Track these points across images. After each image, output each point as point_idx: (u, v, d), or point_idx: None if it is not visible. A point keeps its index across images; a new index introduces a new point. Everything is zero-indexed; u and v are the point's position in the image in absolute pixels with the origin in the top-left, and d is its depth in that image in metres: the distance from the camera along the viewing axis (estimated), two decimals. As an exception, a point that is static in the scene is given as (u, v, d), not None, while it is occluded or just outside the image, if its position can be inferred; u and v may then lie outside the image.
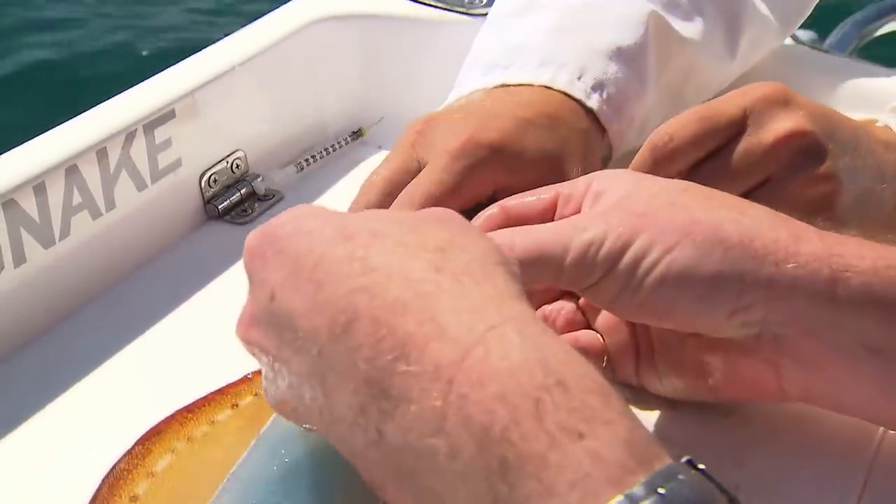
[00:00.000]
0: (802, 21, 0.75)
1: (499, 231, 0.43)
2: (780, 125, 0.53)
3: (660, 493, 0.27)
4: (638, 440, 0.29)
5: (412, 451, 0.31)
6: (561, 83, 0.58)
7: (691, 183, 0.45)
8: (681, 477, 0.28)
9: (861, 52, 1.12)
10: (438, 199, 0.51)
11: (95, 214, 0.58)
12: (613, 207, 0.43)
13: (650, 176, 0.45)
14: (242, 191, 0.67)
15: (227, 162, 0.67)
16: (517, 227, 0.43)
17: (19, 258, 0.54)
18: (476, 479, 0.29)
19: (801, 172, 0.53)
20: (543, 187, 0.47)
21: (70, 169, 0.56)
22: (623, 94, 0.60)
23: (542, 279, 0.42)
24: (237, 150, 0.67)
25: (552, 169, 0.54)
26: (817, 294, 0.40)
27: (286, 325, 0.35)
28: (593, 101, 0.58)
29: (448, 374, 0.30)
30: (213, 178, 0.66)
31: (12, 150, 0.55)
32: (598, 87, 0.59)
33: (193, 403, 0.47)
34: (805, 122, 0.53)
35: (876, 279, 0.40)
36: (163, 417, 0.47)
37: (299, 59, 0.71)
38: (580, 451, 0.28)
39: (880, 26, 1.14)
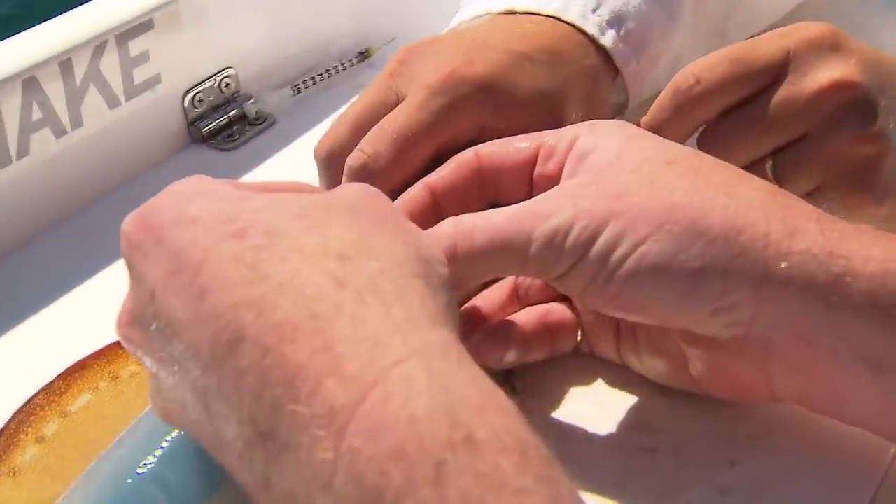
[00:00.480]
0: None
1: (458, 218, 0.38)
2: (825, 73, 0.47)
3: None
4: None
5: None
6: (572, 15, 0.52)
7: (684, 149, 0.39)
8: None
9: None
10: (412, 138, 0.46)
11: (59, 132, 0.54)
12: (587, 184, 0.38)
13: (640, 136, 0.40)
14: (231, 113, 0.62)
15: (215, 80, 0.62)
16: (478, 213, 0.38)
17: (-31, 177, 0.50)
18: None
19: (844, 129, 0.47)
20: (525, 135, 0.42)
21: (28, 81, 0.51)
22: (646, 29, 0.53)
23: (505, 270, 0.38)
24: (227, 68, 0.62)
25: (548, 111, 0.48)
26: (811, 298, 0.35)
27: (169, 332, 0.31)
28: (607, 38, 0.52)
29: (341, 420, 0.26)
30: (198, 97, 0.61)
31: (-44, 60, 0.50)
32: (615, 21, 0.52)
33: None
34: (855, 72, 0.47)
35: (881, 287, 0.35)
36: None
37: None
38: None
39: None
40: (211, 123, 0.61)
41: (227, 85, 0.62)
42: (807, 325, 0.36)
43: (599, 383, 0.43)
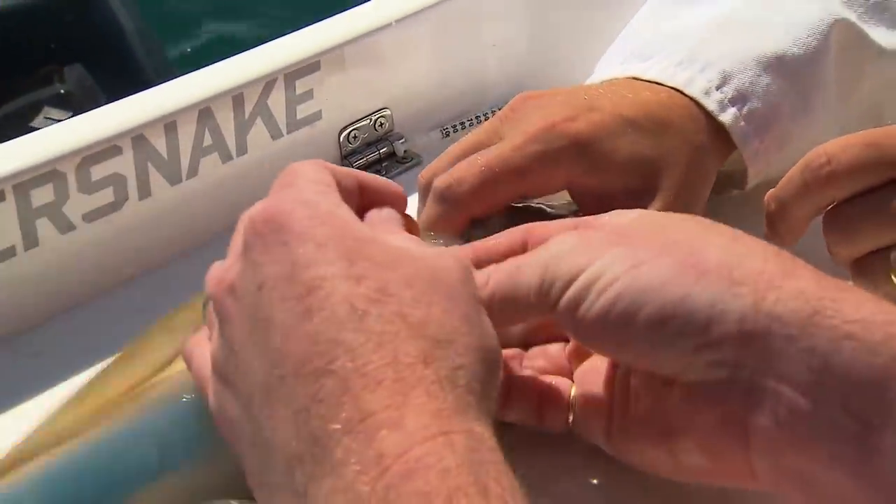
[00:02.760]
0: None
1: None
2: None
3: None
4: None
5: None
6: (695, 90, 0.55)
7: (694, 216, 0.41)
8: None
9: None
10: (499, 173, 0.50)
11: (225, 158, 0.61)
12: (600, 233, 0.41)
13: (670, 213, 0.43)
14: (382, 150, 0.69)
15: (371, 119, 0.68)
16: (495, 265, 0.42)
17: (144, 192, 0.58)
18: None
19: None
20: (572, 219, 0.45)
21: (203, 111, 0.59)
22: (773, 109, 0.56)
23: (519, 311, 0.41)
24: (384, 109, 0.68)
25: (642, 177, 0.52)
26: (795, 339, 0.35)
27: (262, 326, 0.36)
28: (727, 115, 0.55)
29: (386, 463, 0.31)
30: (353, 133, 0.67)
31: (146, 91, 0.59)
32: (739, 99, 0.55)
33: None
34: None
35: (866, 332, 0.35)
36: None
37: (464, 18, 0.71)
38: None
39: None
40: (362, 159, 0.68)
41: (381, 124, 0.69)
42: (792, 369, 0.35)
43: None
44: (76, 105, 1.55)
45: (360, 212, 0.42)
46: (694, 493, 0.42)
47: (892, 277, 0.49)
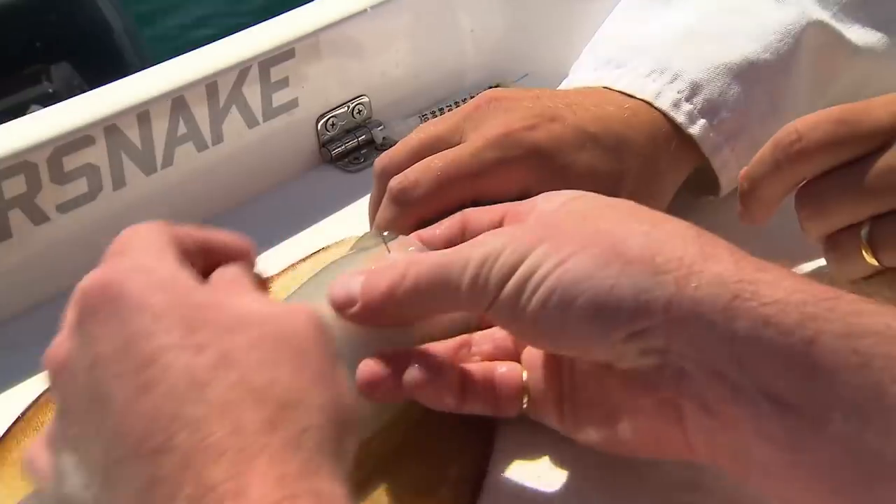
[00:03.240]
0: None
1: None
2: None
3: None
4: None
5: None
6: (664, 102, 0.55)
7: (625, 200, 0.42)
8: None
9: None
10: (455, 179, 0.51)
11: (201, 147, 0.62)
12: (527, 223, 0.41)
13: (590, 193, 0.43)
14: (360, 137, 0.69)
15: (349, 106, 0.68)
16: (418, 255, 0.43)
17: (119, 181, 0.58)
18: None
19: None
20: (502, 205, 0.46)
21: (177, 100, 0.59)
22: (744, 117, 0.56)
23: (444, 304, 0.41)
24: (361, 96, 0.69)
25: (597, 191, 0.52)
26: (714, 325, 0.36)
27: (98, 405, 0.34)
28: (696, 127, 0.55)
29: None
30: (331, 121, 0.68)
31: (118, 81, 0.59)
32: (709, 110, 0.55)
33: None
34: None
35: (782, 315, 0.36)
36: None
37: (439, 3, 0.71)
38: None
39: None
40: (340, 146, 0.68)
41: (359, 111, 0.69)
42: (714, 355, 0.37)
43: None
44: (64, 103, 1.55)
45: (206, 271, 0.40)
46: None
47: (863, 252, 0.49)
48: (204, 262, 0.41)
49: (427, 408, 0.43)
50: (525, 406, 0.44)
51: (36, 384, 0.50)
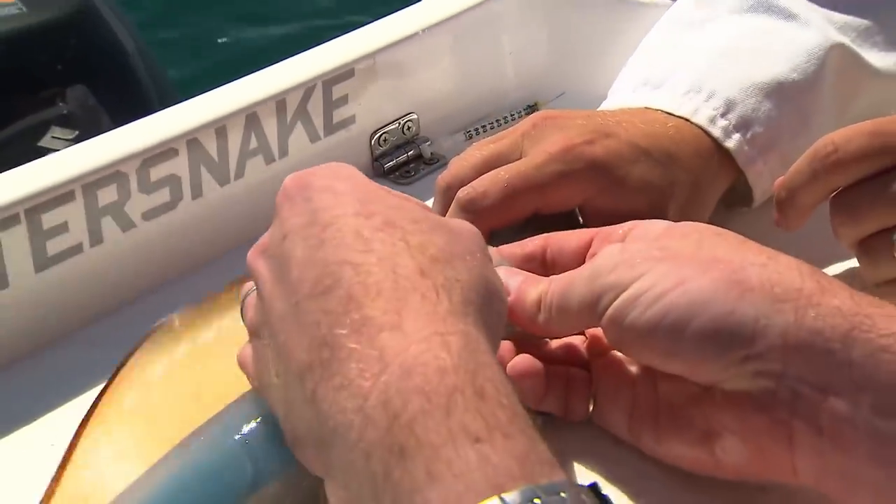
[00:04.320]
0: None
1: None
2: None
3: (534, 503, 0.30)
4: (532, 457, 0.32)
5: (332, 421, 0.35)
6: (700, 118, 0.60)
7: (726, 230, 0.45)
8: (562, 495, 0.31)
9: None
10: (520, 190, 0.55)
11: (269, 160, 0.67)
12: (639, 241, 0.45)
13: (688, 222, 0.46)
14: (410, 152, 0.74)
15: (399, 123, 0.73)
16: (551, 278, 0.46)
17: (197, 192, 0.63)
18: (376, 459, 0.33)
19: None
20: (591, 229, 0.50)
21: (250, 116, 0.64)
22: (775, 132, 0.61)
23: (572, 321, 0.45)
24: (410, 113, 0.74)
25: (650, 202, 0.56)
26: (834, 352, 0.39)
27: (285, 267, 0.40)
28: (732, 142, 0.60)
29: (386, 360, 0.35)
30: (383, 137, 0.73)
31: (198, 97, 0.64)
32: (742, 125, 0.60)
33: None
34: None
35: None
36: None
37: (484, 28, 0.77)
38: (473, 452, 0.32)
39: None
40: (392, 161, 0.73)
41: (409, 128, 0.74)
42: (831, 379, 0.39)
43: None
44: (80, 124, 1.60)
45: None
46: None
47: (894, 256, 0.53)
48: None
49: None
50: (591, 410, 0.48)
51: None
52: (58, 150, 1.56)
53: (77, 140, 1.51)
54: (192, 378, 0.51)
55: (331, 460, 0.36)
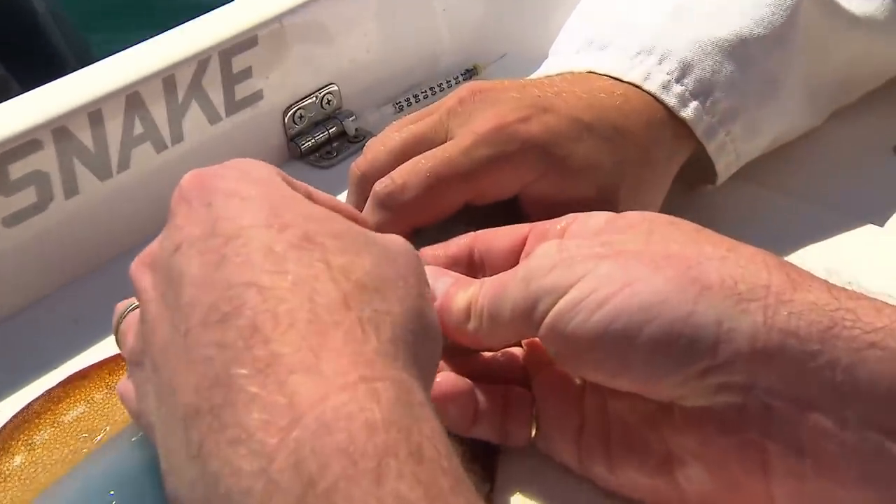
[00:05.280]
0: None
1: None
2: None
3: None
4: None
5: (223, 486, 0.29)
6: (653, 84, 0.53)
7: (678, 219, 0.40)
8: None
9: None
10: (446, 180, 0.48)
11: (160, 147, 0.58)
12: (585, 237, 0.40)
13: (635, 212, 0.41)
14: (331, 130, 0.66)
15: (317, 97, 0.65)
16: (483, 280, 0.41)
17: (71, 190, 0.54)
18: None
19: None
20: (525, 225, 0.44)
21: (131, 96, 0.55)
22: (739, 98, 0.54)
23: (506, 330, 0.40)
24: (330, 85, 0.66)
25: (597, 186, 0.50)
26: (814, 354, 0.34)
27: (175, 285, 0.34)
28: (688, 111, 0.53)
29: (299, 411, 0.29)
30: (299, 113, 0.65)
31: (68, 76, 0.55)
32: (701, 90, 0.53)
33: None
34: None
35: (892, 340, 0.34)
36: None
37: (412, -17, 0.68)
38: None
39: None
40: (310, 140, 0.65)
41: (328, 101, 0.66)
42: (811, 388, 0.34)
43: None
44: (-16, 97, 1.49)
45: None
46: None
47: None
48: None
49: None
50: (534, 436, 0.42)
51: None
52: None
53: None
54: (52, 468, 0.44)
55: None
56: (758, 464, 0.36)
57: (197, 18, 0.59)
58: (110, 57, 0.56)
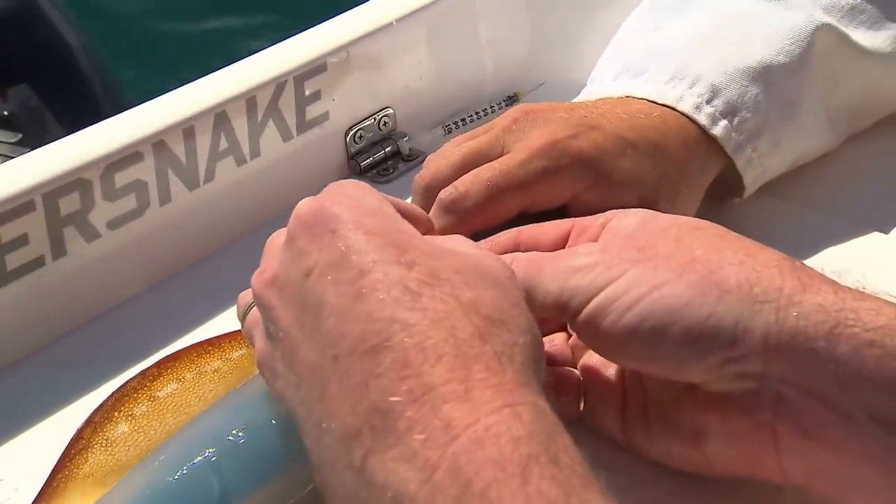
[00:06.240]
0: None
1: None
2: None
3: None
4: None
5: (391, 492, 0.33)
6: (686, 106, 0.59)
7: (707, 222, 0.44)
8: None
9: None
10: (504, 189, 0.53)
11: (240, 161, 0.64)
12: (618, 241, 0.44)
13: (666, 215, 0.46)
14: (387, 149, 0.72)
15: (375, 119, 0.71)
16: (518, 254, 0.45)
17: (165, 198, 0.61)
18: None
19: None
20: (567, 220, 0.48)
21: (219, 115, 0.62)
22: (763, 118, 0.60)
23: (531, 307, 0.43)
24: (386, 108, 0.72)
25: (640, 196, 0.55)
26: (818, 350, 0.38)
27: (312, 310, 0.37)
28: (719, 129, 0.59)
29: (454, 432, 0.33)
30: (359, 133, 0.71)
31: (164, 95, 0.61)
32: (729, 111, 0.60)
33: (214, 338, 0.53)
34: None
35: (888, 338, 0.38)
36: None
37: (461, 17, 0.75)
38: None
39: None
40: (368, 158, 0.71)
41: (385, 123, 0.72)
42: (816, 380, 0.38)
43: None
44: (24, 126, 1.55)
45: None
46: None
47: None
48: None
49: None
50: (582, 409, 0.46)
51: (92, 399, 0.53)
52: (2, 155, 1.49)
53: (21, 143, 1.48)
54: (153, 436, 0.49)
55: None
56: (770, 441, 0.40)
57: (274, 46, 0.66)
58: (201, 79, 0.63)
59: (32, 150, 0.57)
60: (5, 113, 1.56)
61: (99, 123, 0.59)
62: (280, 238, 0.42)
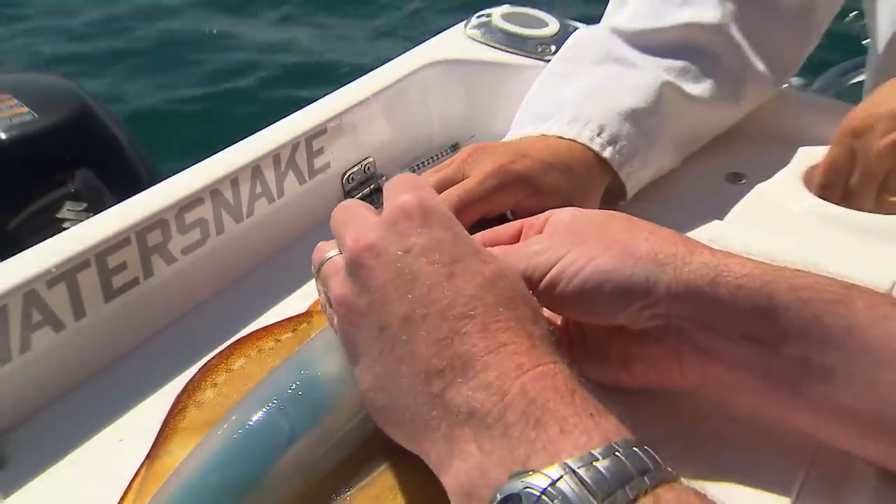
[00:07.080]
0: (792, 75, 0.76)
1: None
2: None
3: (616, 454, 0.33)
4: (621, 426, 0.35)
5: (465, 408, 0.35)
6: (584, 138, 0.61)
7: (618, 212, 0.46)
8: (635, 450, 0.33)
9: (839, 95, 1.13)
10: (469, 203, 0.54)
11: (270, 200, 0.64)
12: (559, 231, 0.45)
13: (588, 210, 0.47)
14: (371, 186, 0.72)
15: (361, 165, 0.71)
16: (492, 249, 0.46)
17: (219, 229, 0.60)
18: (516, 428, 0.34)
19: None
20: (517, 221, 0.49)
21: (255, 168, 0.61)
22: (633, 146, 0.62)
23: None
24: (369, 157, 0.72)
25: (562, 201, 0.56)
26: (705, 294, 0.40)
27: (407, 277, 0.37)
28: (607, 153, 0.61)
29: (523, 370, 0.35)
30: (351, 176, 0.70)
31: (216, 154, 0.61)
32: (612, 141, 0.61)
33: (267, 326, 0.53)
34: None
35: (750, 282, 0.40)
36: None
37: (416, 92, 0.75)
38: (590, 421, 0.34)
39: (854, 77, 1.16)
40: (359, 193, 0.71)
41: (368, 168, 0.72)
42: (704, 315, 0.40)
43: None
44: (87, 198, 1.52)
45: None
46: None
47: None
48: None
49: None
50: None
51: (184, 376, 0.51)
52: (72, 219, 1.46)
53: (87, 211, 1.44)
54: (232, 397, 0.48)
55: (453, 434, 0.35)
56: (675, 360, 0.42)
57: (290, 116, 0.66)
58: (239, 142, 0.62)
59: (96, 214, 0.55)
60: (73, 190, 1.52)
61: (171, 178, 0.58)
62: (352, 226, 0.41)
